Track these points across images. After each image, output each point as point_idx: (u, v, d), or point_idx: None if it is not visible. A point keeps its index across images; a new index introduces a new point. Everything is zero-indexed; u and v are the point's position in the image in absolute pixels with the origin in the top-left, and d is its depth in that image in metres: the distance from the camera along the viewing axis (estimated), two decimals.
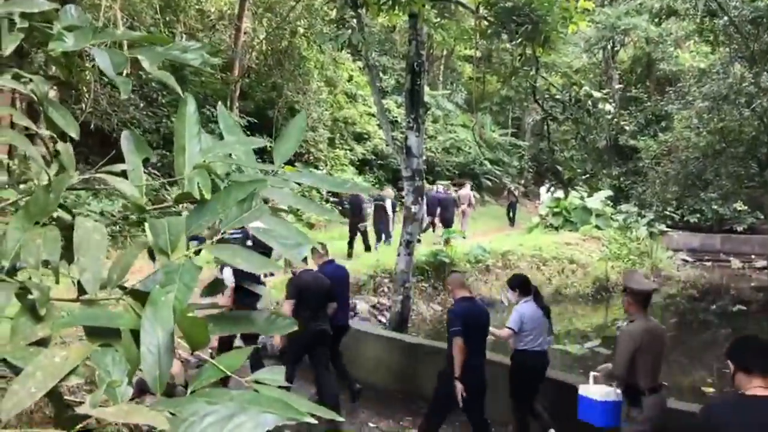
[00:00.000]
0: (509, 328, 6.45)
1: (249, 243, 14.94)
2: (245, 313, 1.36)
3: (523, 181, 33.84)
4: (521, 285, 6.69)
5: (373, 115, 26.70)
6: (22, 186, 2.12)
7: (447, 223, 18.63)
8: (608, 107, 10.29)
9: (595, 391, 5.53)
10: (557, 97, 10.50)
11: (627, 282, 5.42)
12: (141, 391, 1.93)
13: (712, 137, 18.93)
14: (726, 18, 15.30)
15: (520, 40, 9.54)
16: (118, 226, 11.66)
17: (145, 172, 1.57)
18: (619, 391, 5.24)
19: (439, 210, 18.59)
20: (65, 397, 1.38)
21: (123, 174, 1.55)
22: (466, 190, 21.98)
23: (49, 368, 1.07)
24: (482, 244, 15.30)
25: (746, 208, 23.40)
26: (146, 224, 1.37)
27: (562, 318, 14.39)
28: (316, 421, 1.08)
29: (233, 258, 1.29)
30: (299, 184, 1.64)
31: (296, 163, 22.03)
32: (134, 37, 1.61)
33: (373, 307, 12.02)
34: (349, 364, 8.52)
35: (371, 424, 7.13)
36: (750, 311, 16.06)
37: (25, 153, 1.66)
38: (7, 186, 1.74)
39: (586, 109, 10.09)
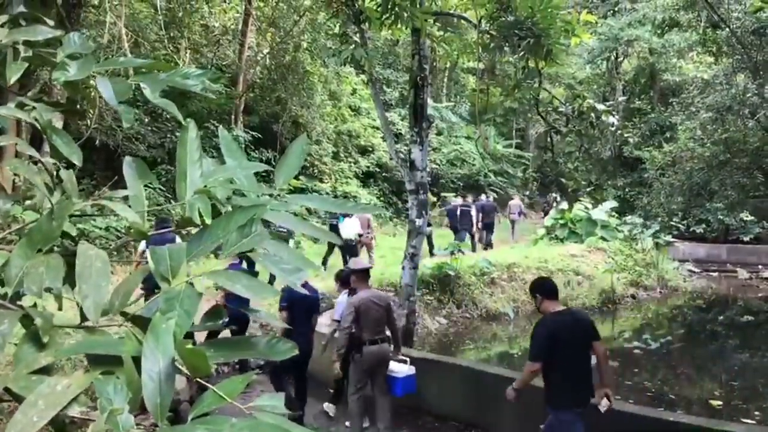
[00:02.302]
0: (336, 320, 7.68)
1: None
2: (245, 337, 1.37)
3: (528, 193, 33.84)
4: (344, 279, 7.79)
5: (377, 128, 26.78)
6: (27, 202, 2.14)
7: (488, 227, 20.86)
8: (612, 119, 10.26)
9: (397, 369, 7.17)
10: (560, 109, 10.51)
11: (353, 267, 7.46)
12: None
13: (716, 148, 18.93)
14: (728, 29, 15.34)
15: (522, 53, 9.56)
16: (121, 241, 11.69)
17: (150, 187, 1.59)
18: (413, 368, 7.21)
19: (481, 216, 20.48)
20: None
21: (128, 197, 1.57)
22: (516, 201, 23.95)
23: (51, 397, 1.08)
24: (487, 257, 15.28)
25: (752, 218, 23.32)
26: (148, 250, 1.38)
27: None
28: None
29: (233, 284, 1.30)
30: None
31: (300, 177, 22.11)
32: (137, 64, 1.64)
33: None
34: None
35: None
36: (758, 322, 15.98)
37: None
38: (12, 204, 1.75)
39: (590, 121, 10.09)
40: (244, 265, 9.09)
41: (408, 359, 7.29)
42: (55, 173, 1.59)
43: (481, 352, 12.20)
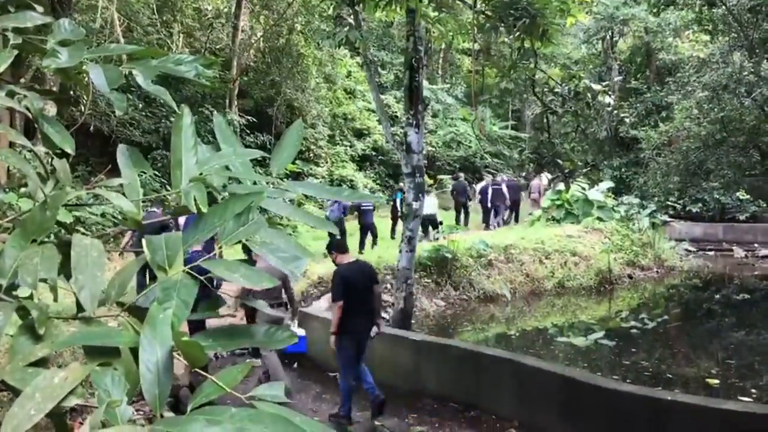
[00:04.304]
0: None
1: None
2: (244, 326, 1.36)
3: (524, 174, 33.80)
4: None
5: (373, 111, 26.69)
6: (23, 190, 2.12)
7: (515, 206, 22.99)
8: (608, 99, 10.24)
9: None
10: (556, 90, 10.47)
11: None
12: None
13: (712, 127, 18.88)
14: (724, 7, 15.25)
15: (518, 33, 9.50)
16: (118, 229, 11.67)
17: (145, 173, 1.57)
18: (303, 330, 8.27)
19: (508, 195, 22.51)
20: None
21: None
22: (537, 181, 25.41)
23: (47, 390, 1.07)
24: (484, 239, 15.28)
25: (748, 196, 23.33)
26: (143, 240, 1.36)
27: (566, 310, 14.39)
28: None
29: (231, 273, 1.29)
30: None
31: (296, 161, 22.05)
32: (129, 50, 1.61)
33: None
34: None
35: (376, 422, 7.14)
36: (754, 300, 16.04)
37: (25, 157, 1.65)
38: (7, 190, 1.74)
39: (586, 101, 10.06)
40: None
41: (296, 322, 8.31)
42: (49, 162, 1.57)
43: (479, 333, 12.24)
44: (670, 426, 5.62)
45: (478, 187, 23.84)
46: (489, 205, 21.84)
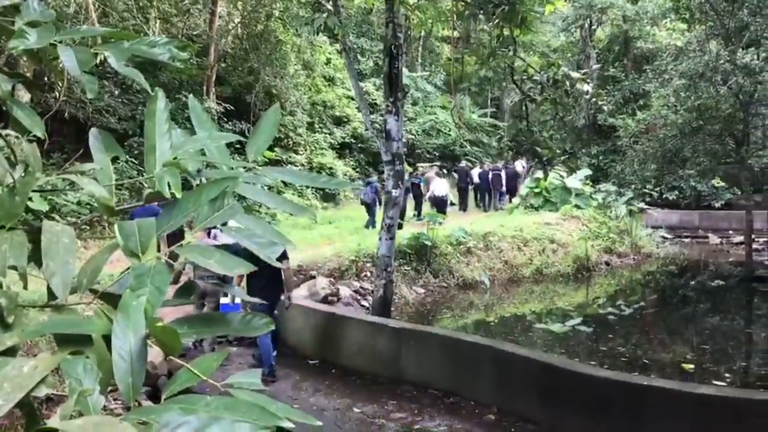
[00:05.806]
0: None
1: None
2: (218, 314, 1.33)
3: (503, 162, 33.89)
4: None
5: (352, 98, 26.56)
6: None
7: (513, 192, 24.48)
8: (586, 87, 10.28)
9: (227, 300, 8.76)
10: (535, 78, 10.48)
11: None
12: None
13: (689, 115, 18.98)
14: None
15: (497, 21, 9.49)
16: (90, 216, 11.56)
17: (118, 160, 1.54)
18: (239, 300, 8.67)
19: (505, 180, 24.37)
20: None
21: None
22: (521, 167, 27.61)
23: (17, 379, 1.04)
24: (463, 227, 15.33)
25: (723, 184, 23.61)
26: (115, 226, 1.33)
27: (544, 297, 14.50)
28: (293, 425, 1.06)
29: (206, 259, 1.26)
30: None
31: (276, 149, 21.91)
32: (100, 32, 1.57)
33: (356, 291, 12.02)
34: (333, 348, 8.56)
35: (355, 409, 7.15)
36: (728, 286, 16.28)
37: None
38: None
39: (564, 89, 10.08)
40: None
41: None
42: (21, 148, 1.53)
43: (458, 320, 12.30)
44: (646, 410, 5.69)
45: (475, 172, 24.90)
46: (490, 189, 23.66)
